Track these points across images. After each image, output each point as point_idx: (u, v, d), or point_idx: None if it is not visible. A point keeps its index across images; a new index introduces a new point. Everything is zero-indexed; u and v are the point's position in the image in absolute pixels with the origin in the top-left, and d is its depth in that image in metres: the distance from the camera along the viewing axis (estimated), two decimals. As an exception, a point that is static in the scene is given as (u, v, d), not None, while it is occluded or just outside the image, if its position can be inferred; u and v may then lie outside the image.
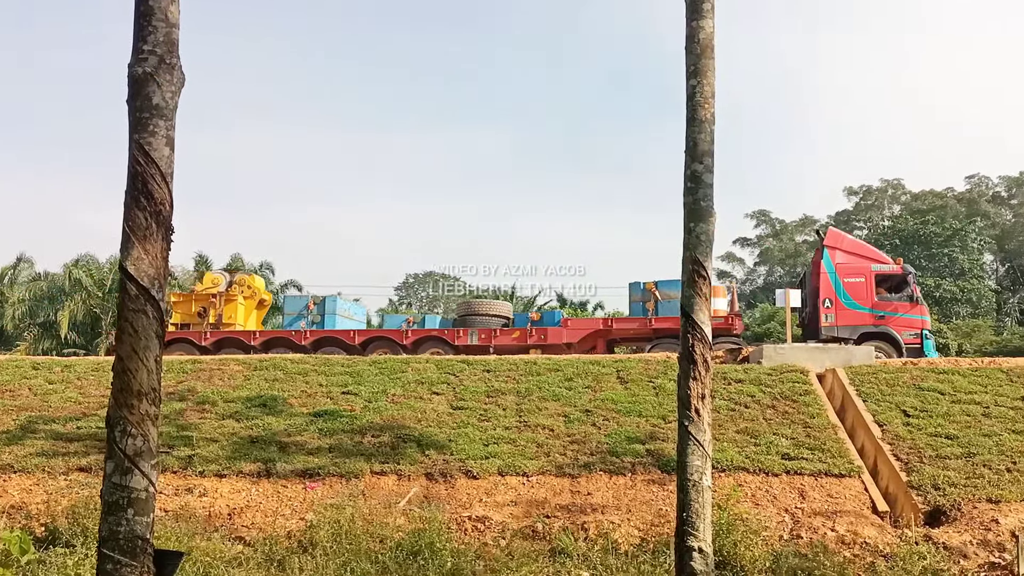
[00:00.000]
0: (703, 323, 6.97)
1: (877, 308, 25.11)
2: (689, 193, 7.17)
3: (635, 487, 14.89)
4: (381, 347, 27.11)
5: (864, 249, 27.13)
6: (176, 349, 26.62)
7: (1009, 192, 55.16)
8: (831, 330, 24.88)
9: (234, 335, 28.06)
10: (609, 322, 27.55)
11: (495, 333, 26.78)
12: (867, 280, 25.33)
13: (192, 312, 28.67)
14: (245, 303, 29.16)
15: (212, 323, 28.25)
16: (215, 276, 29.71)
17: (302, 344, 27.20)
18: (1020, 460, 15.05)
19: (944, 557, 12.54)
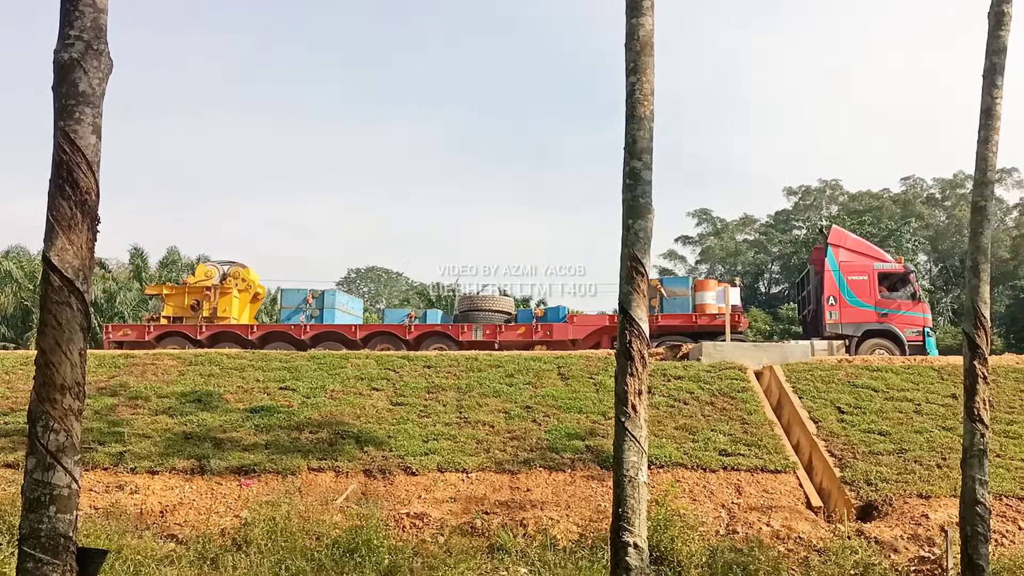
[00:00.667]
0: (640, 319, 6.96)
1: (880, 306, 25.30)
2: (628, 190, 7.16)
3: (574, 483, 14.92)
4: (383, 342, 26.40)
5: (866, 247, 27.26)
6: (170, 343, 26.00)
7: (943, 194, 56.47)
8: (836, 327, 25.13)
9: (230, 329, 27.20)
10: (615, 318, 26.98)
11: (500, 329, 26.51)
12: (870, 278, 25.51)
13: (185, 305, 27.81)
14: (240, 296, 28.40)
15: (206, 316, 27.39)
16: (208, 268, 28.79)
17: (301, 339, 26.46)
18: (950, 456, 15.36)
19: (876, 551, 12.77)
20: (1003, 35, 9.21)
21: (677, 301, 26.16)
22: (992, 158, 9.05)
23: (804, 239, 54.27)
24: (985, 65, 9.26)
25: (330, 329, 26.95)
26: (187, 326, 27.07)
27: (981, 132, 9.15)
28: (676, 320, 25.87)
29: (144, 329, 27.21)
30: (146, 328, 27.21)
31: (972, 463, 8.71)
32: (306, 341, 26.24)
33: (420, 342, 26.29)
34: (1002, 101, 9.09)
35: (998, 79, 9.14)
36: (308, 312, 27.39)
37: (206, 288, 27.71)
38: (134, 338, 26.71)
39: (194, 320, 27.23)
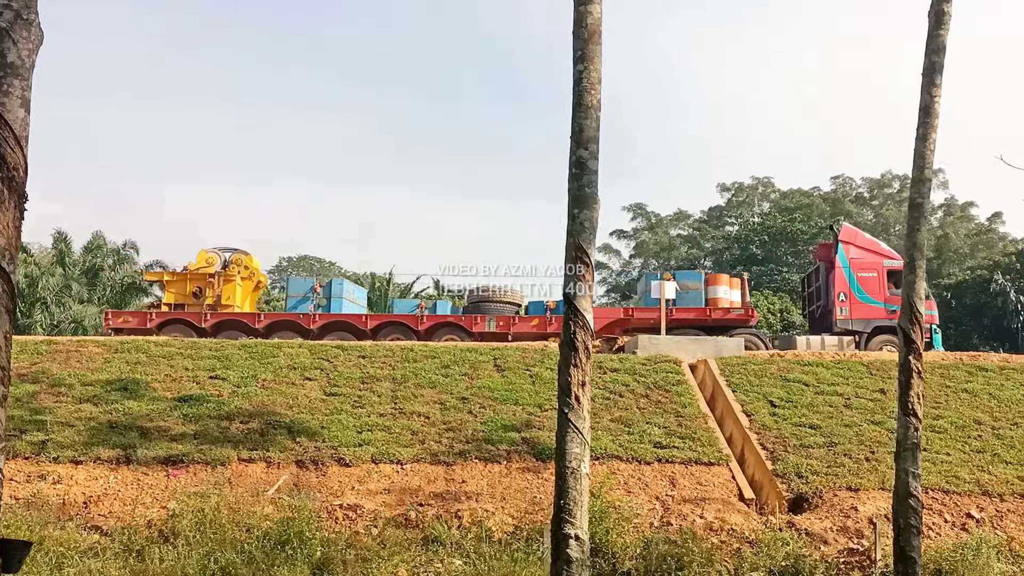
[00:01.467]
0: (585, 310, 6.89)
1: (889, 302, 25.22)
2: (574, 179, 7.07)
3: (510, 475, 14.86)
4: (394, 333, 25.86)
5: (875, 245, 27.43)
6: (172, 331, 25.20)
7: (871, 193, 57.70)
8: (846, 323, 25.41)
9: (236, 317, 26.47)
10: (630, 311, 27.04)
11: (514, 320, 26.36)
12: (879, 275, 25.77)
13: (187, 292, 27.00)
14: (243, 284, 27.60)
15: (210, 304, 26.64)
16: (209, 255, 27.69)
17: (310, 328, 25.81)
18: (878, 449, 15.66)
19: (806, 543, 12.93)
20: (942, 34, 9.34)
21: (690, 295, 26.29)
22: (930, 156, 9.17)
23: (736, 235, 55.00)
24: (924, 63, 9.38)
25: (340, 319, 26.42)
26: (191, 314, 26.36)
27: (919, 129, 9.27)
28: (690, 314, 26.02)
29: (145, 316, 26.46)
30: (148, 315, 26.45)
31: (905, 456, 8.83)
32: (314, 331, 25.70)
33: (432, 333, 25.93)
34: (941, 99, 9.23)
35: (937, 77, 9.27)
36: (315, 301, 26.80)
37: (209, 275, 26.97)
38: (135, 325, 25.94)
39: (197, 308, 26.53)
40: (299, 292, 27.46)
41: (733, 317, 26.02)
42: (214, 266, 27.23)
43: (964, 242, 52.91)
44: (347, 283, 28.53)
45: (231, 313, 26.71)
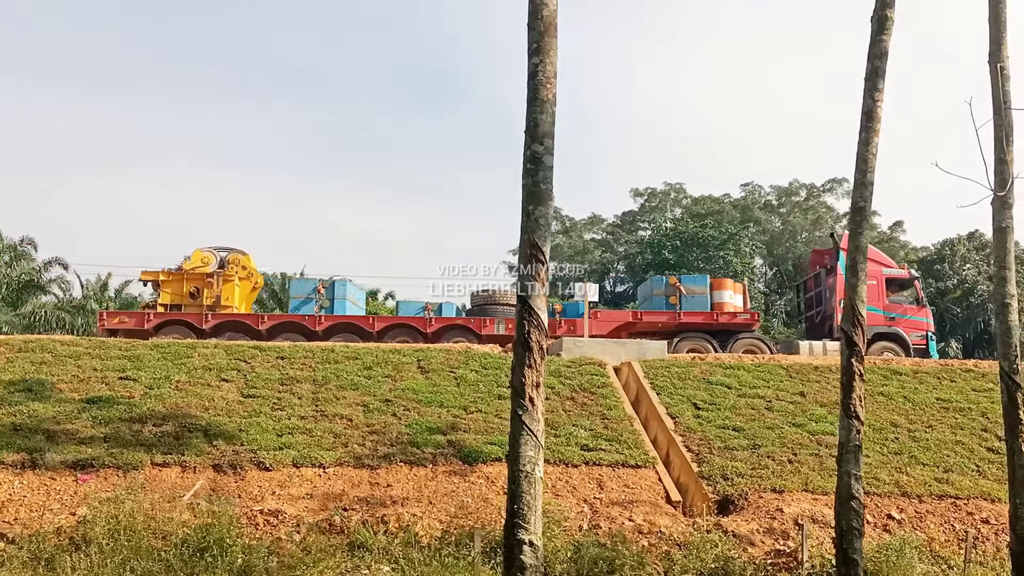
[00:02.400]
0: (539, 309, 6.72)
1: (888, 310, 26.08)
2: (528, 175, 6.89)
3: (436, 478, 14.60)
4: (401, 335, 25.44)
5: (875, 253, 26.86)
6: (170, 332, 24.54)
7: (779, 201, 58.87)
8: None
9: (238, 318, 25.88)
10: (639, 315, 27.22)
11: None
12: (878, 283, 25.93)
13: (183, 292, 26.20)
14: (241, 284, 26.94)
15: (208, 305, 25.94)
16: (204, 254, 26.85)
17: (315, 330, 25.28)
18: (800, 452, 15.88)
19: (734, 545, 13.00)
20: (885, 39, 9.45)
21: (696, 299, 26.57)
22: (872, 160, 9.27)
23: (650, 240, 55.53)
24: (867, 68, 9.48)
25: (346, 320, 25.97)
26: (191, 314, 25.64)
27: (862, 134, 9.36)
28: (698, 317, 26.31)
29: (143, 317, 25.59)
30: (145, 316, 25.57)
31: (848, 459, 8.88)
32: (319, 333, 25.20)
33: (440, 335, 25.66)
34: (883, 104, 9.33)
35: (879, 82, 9.38)
36: (318, 302, 26.24)
37: (207, 275, 26.24)
38: (131, 326, 25.09)
39: (195, 308, 25.87)
40: (301, 293, 26.90)
41: (739, 321, 26.45)
42: (209, 265, 26.54)
43: (867, 249, 54.47)
44: (349, 285, 27.89)
45: (234, 314, 26.15)
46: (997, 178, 10.26)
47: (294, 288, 27.74)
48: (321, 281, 27.34)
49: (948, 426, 17.36)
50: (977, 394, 19.21)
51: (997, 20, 10.52)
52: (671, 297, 26.76)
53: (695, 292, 26.70)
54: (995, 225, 10.33)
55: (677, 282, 27.14)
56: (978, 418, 17.88)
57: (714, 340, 25.94)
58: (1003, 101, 10.29)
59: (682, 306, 26.40)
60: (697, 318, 26.34)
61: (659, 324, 26.39)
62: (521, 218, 6.91)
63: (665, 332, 26.29)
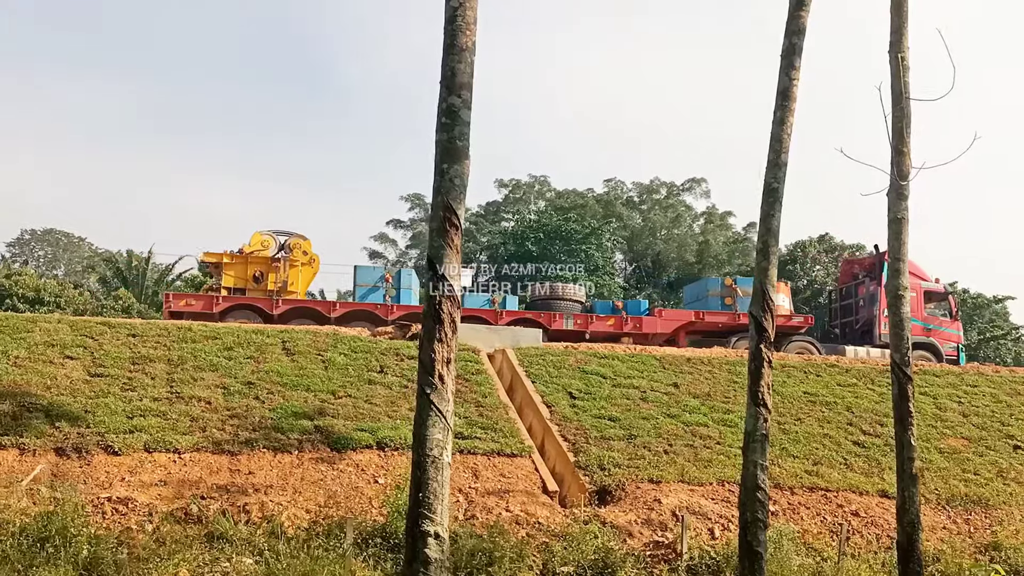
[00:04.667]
0: (453, 277, 6.12)
1: (926, 321, 27.34)
2: (444, 130, 6.27)
3: (302, 466, 13.78)
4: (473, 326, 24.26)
5: (914, 267, 27.59)
6: (238, 316, 23.87)
7: (640, 198, 59.75)
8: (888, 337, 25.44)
9: (309, 304, 25.67)
10: (700, 315, 27.05)
11: (591, 319, 26.21)
12: (918, 295, 26.85)
13: (247, 276, 25.54)
14: (303, 269, 26.31)
15: (272, 289, 25.36)
16: (264, 237, 26.16)
17: (387, 319, 24.67)
18: (676, 442, 15.77)
19: (613, 536, 12.72)
20: (803, 16, 9.24)
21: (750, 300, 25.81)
22: (787, 140, 9.04)
23: (513, 231, 55.36)
24: (784, 45, 9.25)
25: (417, 311, 24.82)
26: (260, 299, 25.03)
27: (777, 113, 9.12)
28: None
29: (211, 300, 24.73)
30: (213, 299, 24.72)
31: (754, 448, 8.63)
32: (388, 322, 24.47)
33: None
34: (799, 82, 9.13)
35: (796, 60, 9.15)
36: (386, 291, 26.03)
37: (273, 259, 25.70)
38: (199, 309, 24.27)
39: (258, 293, 25.33)
40: (368, 281, 26.54)
41: (793, 323, 27.03)
42: (269, 249, 25.98)
43: (723, 249, 55.84)
44: (413, 274, 27.76)
45: (304, 300, 25.86)
46: (894, 169, 10.26)
47: (360, 276, 27.09)
48: (388, 270, 27.32)
49: (816, 419, 17.63)
50: (842, 388, 19.65)
51: (899, 10, 10.52)
52: (727, 298, 27.28)
53: (748, 294, 26.87)
54: (890, 216, 10.33)
55: (733, 283, 27.75)
56: (843, 412, 18.25)
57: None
58: (902, 92, 10.29)
59: (738, 307, 26.74)
60: None
61: (719, 324, 26.86)
62: (434, 178, 6.29)
63: (724, 332, 26.90)
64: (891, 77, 10.42)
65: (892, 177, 10.20)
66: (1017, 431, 18.29)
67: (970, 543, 13.69)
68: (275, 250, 26.08)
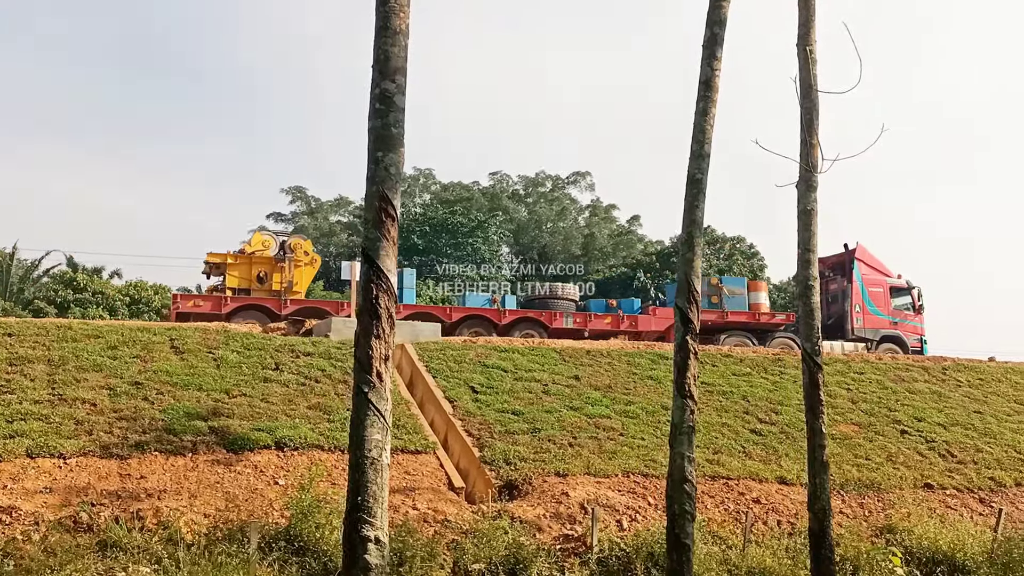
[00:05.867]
0: (389, 271, 5.85)
1: (893, 315, 29.62)
2: (378, 116, 5.98)
3: (198, 469, 13.22)
4: (474, 326, 25.87)
5: (879, 264, 30.45)
6: (246, 317, 23.51)
7: (526, 191, 60.05)
8: (860, 331, 28.79)
9: (317, 304, 25.77)
10: (724, 314, 28.26)
11: (590, 318, 27.18)
12: (884, 291, 29.63)
13: (251, 276, 25.53)
14: (304, 269, 26.38)
15: (276, 289, 25.34)
16: (265, 237, 26.48)
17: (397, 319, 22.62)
18: (580, 435, 15.78)
19: (522, 531, 12.62)
20: (724, 6, 9.27)
21: (736, 299, 28.68)
22: (709, 130, 9.05)
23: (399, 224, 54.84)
24: (706, 35, 9.26)
25: (421, 310, 25.95)
26: (268, 299, 25.01)
27: (700, 104, 9.12)
28: (742, 317, 28.56)
29: (219, 301, 24.50)
30: (221, 300, 24.50)
31: (681, 440, 8.61)
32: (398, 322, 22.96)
33: (512, 327, 26.05)
34: (720, 72, 9.15)
35: (718, 51, 9.18)
36: None
37: (277, 260, 25.79)
38: (206, 310, 24.11)
39: (263, 293, 25.30)
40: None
41: (777, 321, 29.10)
42: (270, 249, 26.10)
43: (608, 242, 56.60)
44: (413, 274, 28.21)
45: (312, 300, 26.02)
46: (803, 161, 10.44)
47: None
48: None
49: (714, 409, 17.92)
50: (737, 378, 20.05)
51: (807, 3, 10.70)
52: (713, 297, 28.62)
53: (735, 293, 28.90)
54: (800, 208, 10.51)
55: (719, 283, 29.38)
56: (740, 401, 18.62)
57: (754, 337, 28.05)
58: (810, 85, 10.47)
59: (725, 305, 28.32)
60: (742, 317, 28.56)
61: (708, 322, 27.71)
62: (368, 166, 6.00)
63: (713, 330, 27.99)
64: (799, 70, 10.60)
65: (802, 169, 10.39)
66: (903, 416, 19.04)
67: (866, 527, 14.13)
68: (275, 250, 26.15)
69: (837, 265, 30.60)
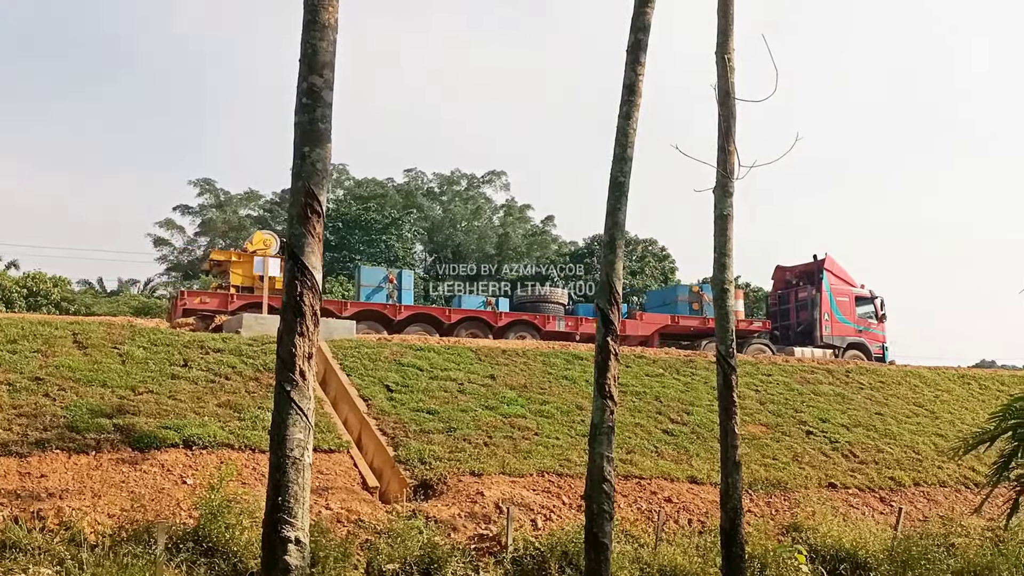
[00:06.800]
0: (314, 268, 5.75)
1: (858, 323, 31.21)
2: (305, 111, 5.87)
3: (102, 468, 12.82)
4: (471, 328, 26.24)
5: (845, 274, 32.07)
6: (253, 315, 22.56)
7: (441, 189, 59.84)
8: (829, 339, 30.39)
9: (323, 304, 23.73)
10: (676, 319, 29.16)
11: (581, 322, 27.75)
12: (850, 300, 31.30)
13: (254, 275, 25.57)
14: None
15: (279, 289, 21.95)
16: (266, 237, 26.86)
17: (394, 319, 25.70)
18: (495, 434, 15.78)
19: (438, 531, 12.57)
20: (648, 12, 9.36)
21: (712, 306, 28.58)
22: (632, 134, 9.12)
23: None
24: (630, 40, 9.33)
25: (423, 311, 26.94)
26: (275, 298, 23.73)
27: (623, 107, 9.19)
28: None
29: (226, 298, 24.53)
30: (228, 298, 24.50)
31: (600, 440, 8.65)
32: (396, 322, 25.63)
33: (507, 329, 26.50)
34: (644, 78, 9.23)
35: (642, 56, 9.26)
36: (388, 291, 26.76)
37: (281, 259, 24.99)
38: (214, 307, 24.17)
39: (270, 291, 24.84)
40: (371, 282, 27.29)
41: (755, 328, 30.64)
42: (271, 248, 26.33)
43: (522, 241, 56.82)
44: (409, 275, 28.69)
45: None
46: (720, 167, 10.62)
47: (364, 277, 27.90)
48: (390, 271, 28.36)
49: (627, 409, 18.09)
50: (651, 379, 20.29)
51: (725, 12, 10.88)
52: (694, 304, 30.04)
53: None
54: (716, 213, 10.68)
55: (699, 290, 30.54)
56: (653, 402, 18.85)
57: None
58: (728, 92, 10.65)
59: (703, 312, 29.38)
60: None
61: (691, 328, 29.36)
62: (294, 162, 5.89)
63: (694, 335, 29.43)
64: (718, 77, 10.78)
65: (719, 175, 10.56)
66: (808, 417, 19.55)
67: (773, 525, 14.45)
68: (276, 249, 26.36)
69: (805, 274, 32.23)
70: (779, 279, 33.70)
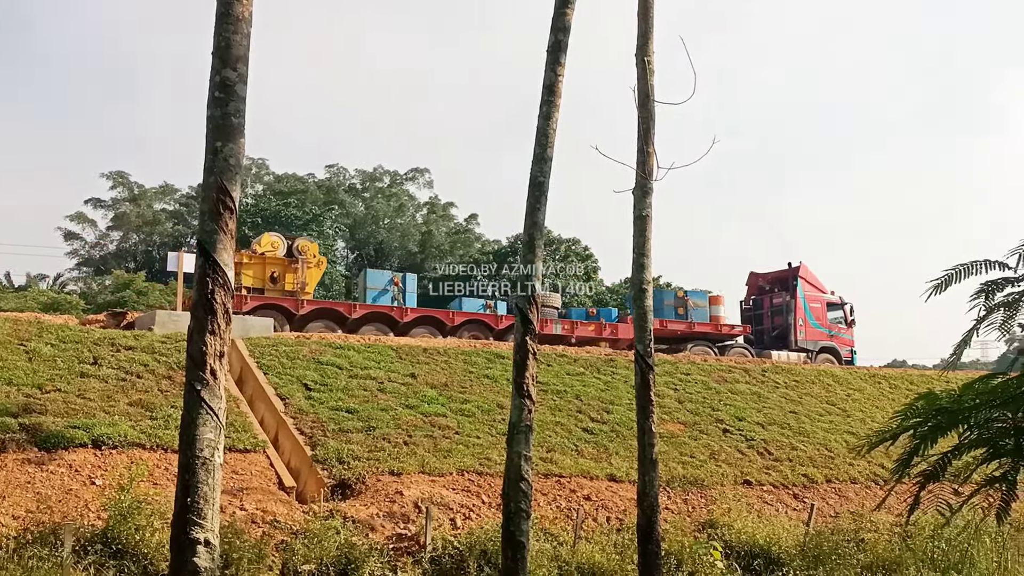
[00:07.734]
0: (226, 265, 5.62)
1: (829, 328, 32.61)
2: (218, 105, 5.73)
3: (7, 468, 12.41)
4: (472, 330, 26.91)
5: (817, 281, 33.32)
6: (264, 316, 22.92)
7: (363, 185, 59.37)
8: (803, 343, 31.61)
9: (330, 306, 26.74)
10: (664, 323, 29.53)
11: (576, 325, 28.92)
12: (822, 306, 32.68)
13: (264, 276, 25.92)
14: (312, 271, 27.04)
15: (288, 290, 25.88)
16: (274, 239, 26.77)
17: (400, 321, 26.10)
18: (415, 433, 15.68)
19: (355, 531, 12.44)
20: (568, 13, 9.35)
21: (699, 312, 30.99)
22: (552, 134, 9.11)
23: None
24: (550, 41, 9.31)
25: (428, 314, 27.25)
26: (286, 300, 25.36)
27: (543, 108, 9.17)
28: (707, 328, 30.88)
29: (239, 299, 24.02)
30: (242, 299, 24.30)
31: (518, 439, 8.63)
32: (401, 324, 26.01)
33: (506, 332, 26.61)
34: (564, 78, 9.24)
35: (561, 56, 9.24)
36: (394, 294, 27.13)
37: (290, 261, 26.31)
38: None
39: (275, 293, 25.68)
40: (377, 285, 27.59)
41: (735, 332, 31.79)
42: (279, 250, 26.44)
43: (445, 239, 56.70)
44: (411, 278, 28.83)
45: (326, 302, 27.95)
46: (640, 168, 10.70)
47: (371, 279, 28.08)
48: (395, 275, 28.60)
49: (548, 408, 18.16)
50: (571, 378, 20.40)
51: (646, 15, 10.96)
52: (679, 308, 31.03)
53: (699, 306, 31.06)
54: (635, 214, 10.75)
55: (685, 296, 31.88)
56: (574, 400, 18.95)
57: (714, 347, 30.28)
58: (648, 94, 10.75)
59: (690, 317, 30.66)
60: (707, 328, 30.94)
61: (677, 332, 30.55)
62: (206, 156, 5.75)
63: (681, 339, 30.59)
64: (638, 80, 10.85)
65: (638, 176, 10.64)
66: (725, 415, 19.87)
67: (689, 522, 14.63)
68: (283, 251, 26.56)
69: (779, 280, 33.50)
70: (753, 285, 34.84)
